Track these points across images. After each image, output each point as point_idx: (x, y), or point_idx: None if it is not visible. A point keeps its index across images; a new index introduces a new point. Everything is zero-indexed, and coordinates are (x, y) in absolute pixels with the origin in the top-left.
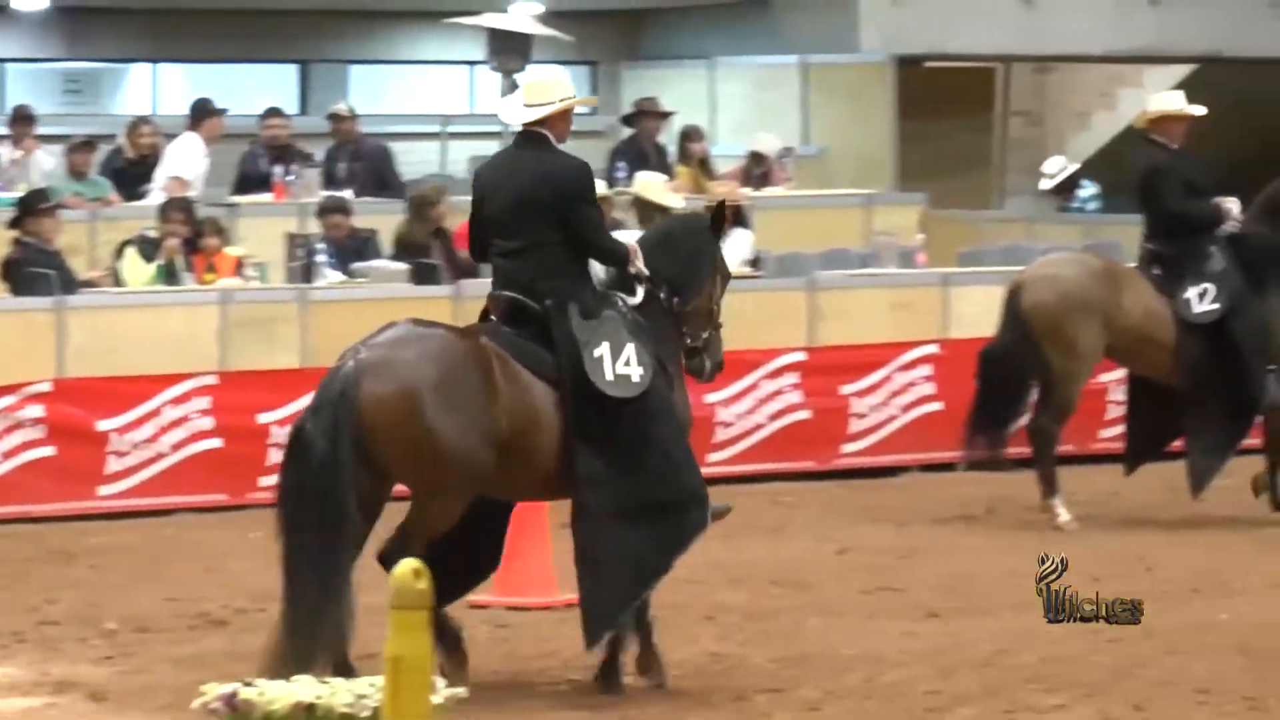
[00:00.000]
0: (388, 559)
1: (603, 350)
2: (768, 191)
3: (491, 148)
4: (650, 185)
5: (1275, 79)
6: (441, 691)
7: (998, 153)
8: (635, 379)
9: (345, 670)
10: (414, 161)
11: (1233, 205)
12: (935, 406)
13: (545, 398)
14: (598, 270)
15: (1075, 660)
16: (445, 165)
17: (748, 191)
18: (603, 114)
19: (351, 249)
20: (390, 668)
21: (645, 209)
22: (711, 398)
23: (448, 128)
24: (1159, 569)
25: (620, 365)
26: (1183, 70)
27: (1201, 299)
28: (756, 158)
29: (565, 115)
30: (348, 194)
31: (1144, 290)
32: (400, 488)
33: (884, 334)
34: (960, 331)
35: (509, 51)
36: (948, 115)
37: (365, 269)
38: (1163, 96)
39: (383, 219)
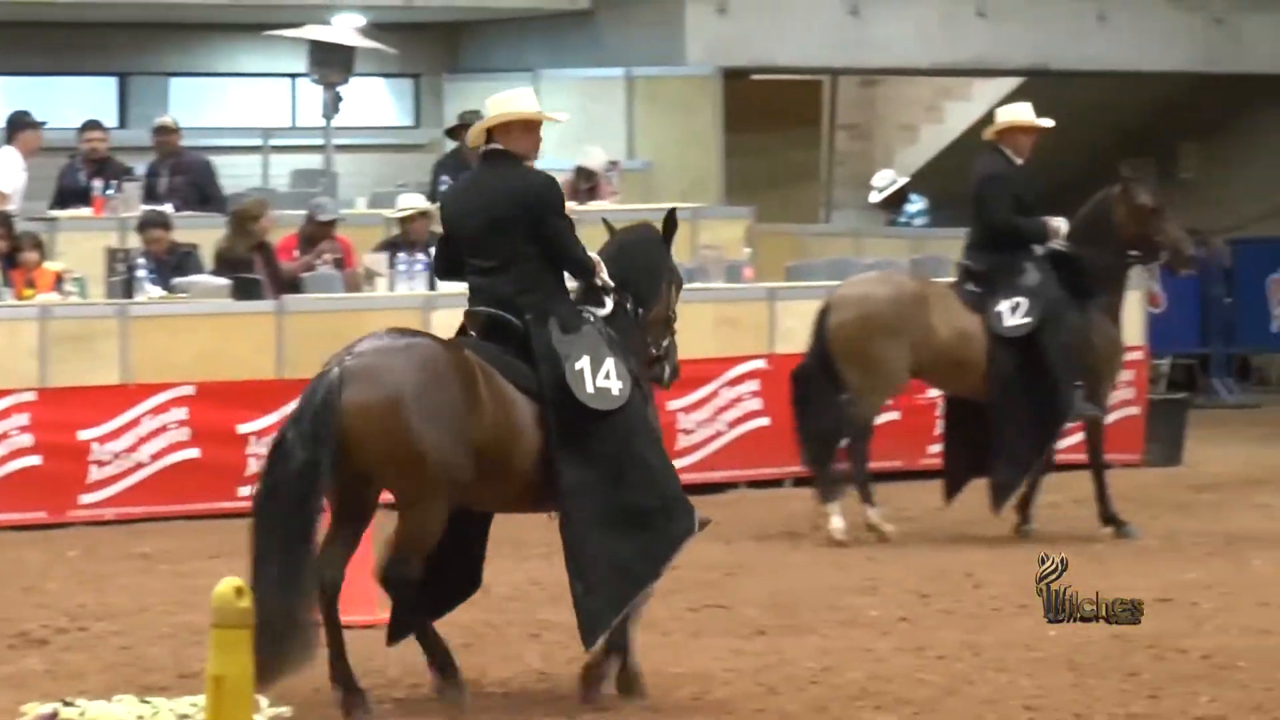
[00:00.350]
0: (388, 577)
1: (583, 363)
2: (594, 205)
3: (314, 161)
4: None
5: (1102, 91)
6: (264, 710)
7: (824, 166)
8: (615, 392)
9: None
10: (235, 175)
11: (1061, 224)
12: (762, 422)
13: (526, 411)
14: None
15: (902, 678)
16: (267, 179)
17: (574, 206)
18: (425, 127)
19: (172, 264)
20: (212, 687)
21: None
22: None
23: (269, 141)
24: (986, 585)
25: (600, 378)
26: (1010, 83)
27: (1014, 312)
28: (583, 173)
29: (525, 131)
30: (168, 208)
31: (955, 309)
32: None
33: (710, 349)
34: (787, 347)
35: (331, 64)
36: (774, 128)
37: (186, 284)
38: (1012, 108)
39: (204, 233)
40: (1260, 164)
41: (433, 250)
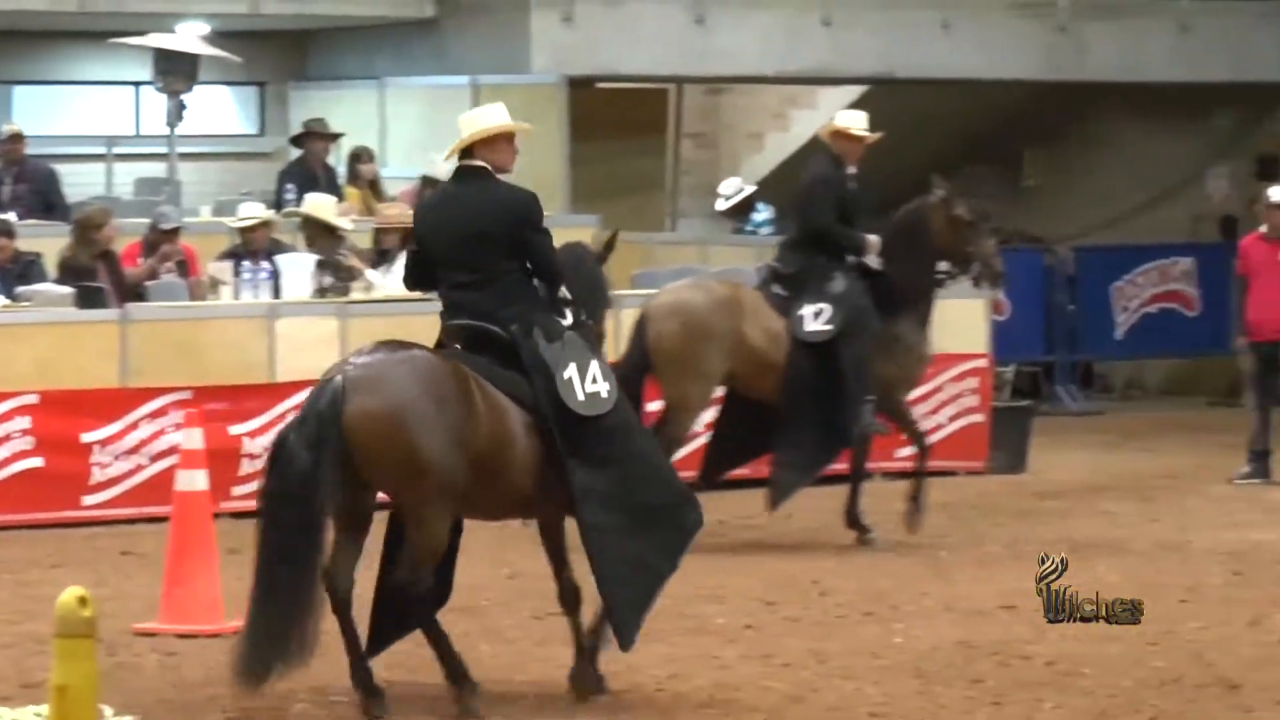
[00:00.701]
0: (406, 593)
1: (571, 371)
2: None
3: (158, 169)
4: (320, 207)
5: (947, 99)
6: (109, 719)
7: (670, 175)
8: (604, 395)
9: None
10: (79, 183)
11: (877, 242)
12: None
13: (518, 420)
14: None
15: (748, 686)
16: (111, 187)
17: None
18: (270, 135)
19: (15, 272)
20: (55, 696)
21: (315, 230)
22: None
23: (114, 149)
24: (832, 593)
25: (589, 384)
26: (856, 91)
27: (816, 318)
28: (429, 182)
29: (499, 146)
30: (12, 216)
31: (766, 314)
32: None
33: None
34: None
35: (175, 72)
36: (620, 137)
37: (29, 293)
38: (845, 114)
39: (48, 242)
40: (1104, 171)
41: (276, 259)
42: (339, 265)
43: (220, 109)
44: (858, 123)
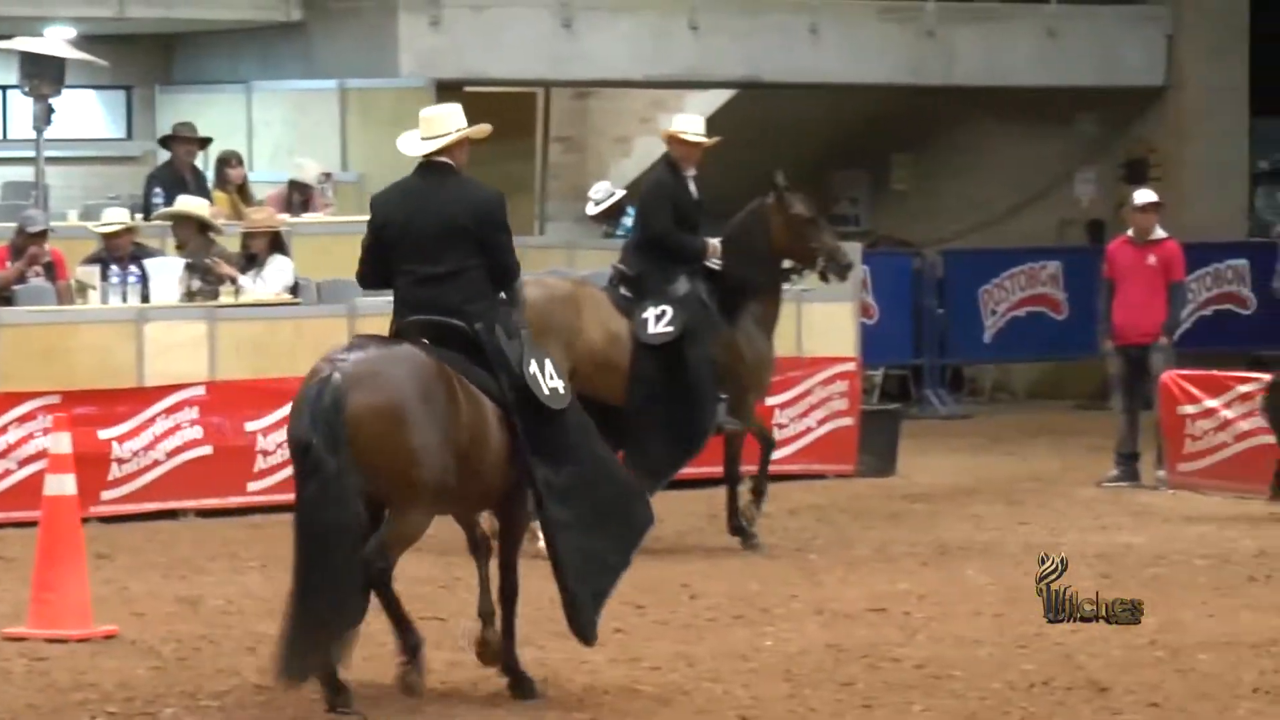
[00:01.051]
0: (369, 572)
1: (534, 367)
2: (308, 218)
3: (26, 173)
4: (195, 204)
5: (815, 103)
6: None
7: (539, 179)
8: (561, 390)
9: (334, 684)
10: None
11: (716, 242)
12: None
13: (492, 414)
14: None
15: (618, 689)
16: None
17: (287, 218)
18: (138, 139)
19: None
20: None
21: (188, 230)
22: (252, 426)
23: None
24: (702, 596)
25: (548, 380)
26: (723, 95)
27: (658, 320)
28: (296, 186)
29: (463, 145)
30: None
31: (607, 313)
32: None
33: None
34: None
35: (42, 76)
36: (488, 140)
37: None
38: (681, 118)
39: None
40: (973, 175)
41: (145, 263)
42: (208, 269)
43: (87, 113)
44: (693, 127)
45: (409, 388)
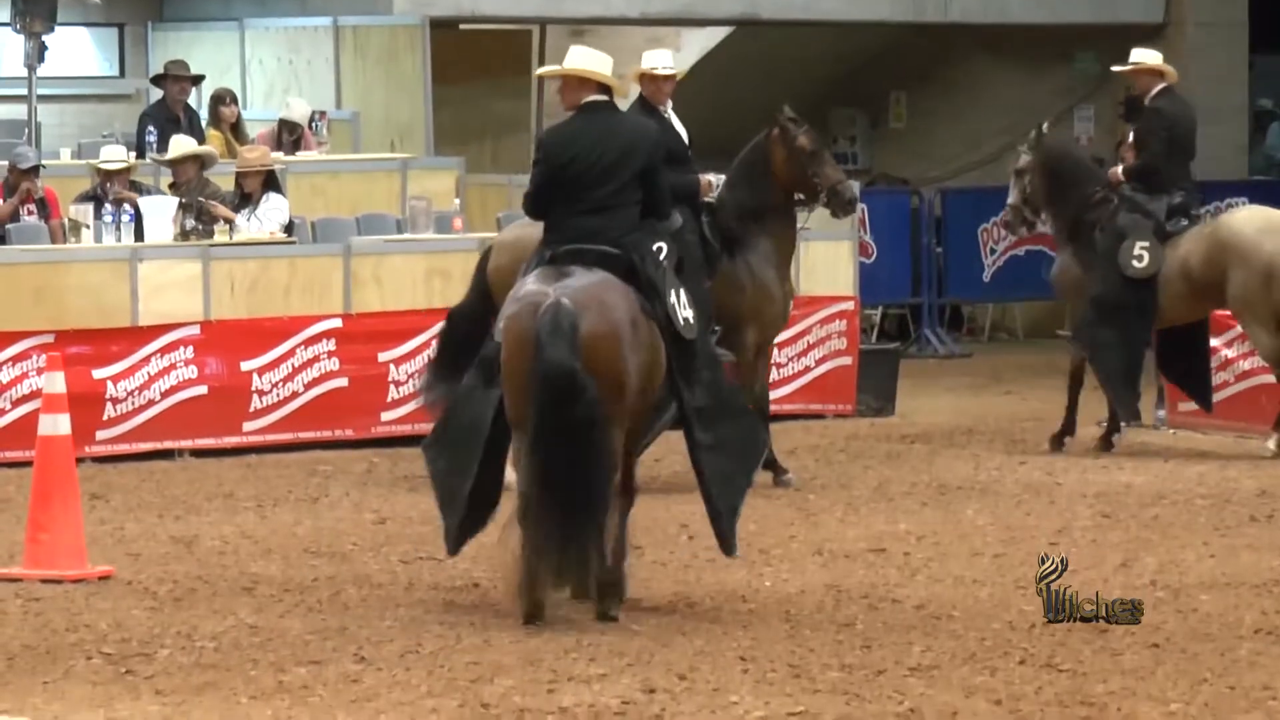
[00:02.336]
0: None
1: (672, 297)
2: (301, 156)
3: (18, 112)
4: (199, 146)
5: (812, 41)
6: None
7: (533, 117)
8: (694, 321)
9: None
10: None
11: (714, 178)
12: None
13: (659, 338)
14: None
15: (616, 630)
16: None
17: (280, 156)
18: (131, 77)
19: None
20: None
21: (191, 169)
22: (247, 365)
23: None
24: (700, 537)
25: (682, 309)
26: (720, 32)
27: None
28: (286, 125)
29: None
30: None
31: None
32: None
33: (421, 300)
34: None
35: (34, 13)
36: (483, 79)
37: None
38: (649, 54)
39: None
40: (970, 113)
41: (139, 202)
42: (203, 210)
43: (80, 51)
44: (661, 62)
45: (624, 314)
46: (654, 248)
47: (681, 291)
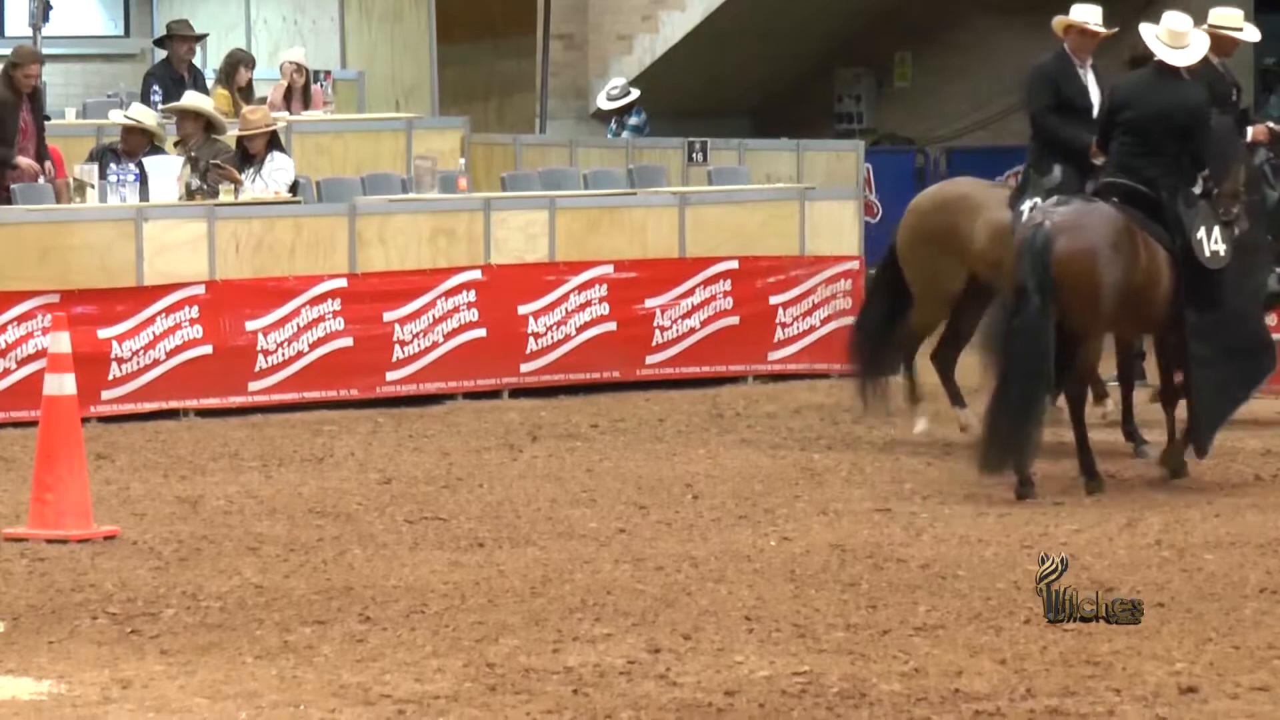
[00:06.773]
0: (1069, 394)
1: (1200, 233)
2: (307, 115)
3: None
4: (203, 103)
5: (803, 6)
6: None
7: (539, 76)
8: (1222, 253)
9: (1026, 482)
10: None
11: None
12: (478, 333)
13: (1164, 261)
14: None
15: (621, 589)
16: None
17: (285, 115)
18: (136, 36)
19: None
20: None
21: (194, 125)
22: (253, 325)
23: None
24: (705, 496)
25: (1211, 244)
26: None
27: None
28: (295, 66)
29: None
30: None
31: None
32: None
33: (426, 260)
34: (502, 257)
35: None
36: (488, 38)
37: None
38: (1080, 8)
39: None
40: (975, 73)
41: (144, 161)
42: (209, 170)
43: (85, 10)
44: (1092, 18)
45: (1101, 237)
46: (1192, 192)
47: (1216, 228)
